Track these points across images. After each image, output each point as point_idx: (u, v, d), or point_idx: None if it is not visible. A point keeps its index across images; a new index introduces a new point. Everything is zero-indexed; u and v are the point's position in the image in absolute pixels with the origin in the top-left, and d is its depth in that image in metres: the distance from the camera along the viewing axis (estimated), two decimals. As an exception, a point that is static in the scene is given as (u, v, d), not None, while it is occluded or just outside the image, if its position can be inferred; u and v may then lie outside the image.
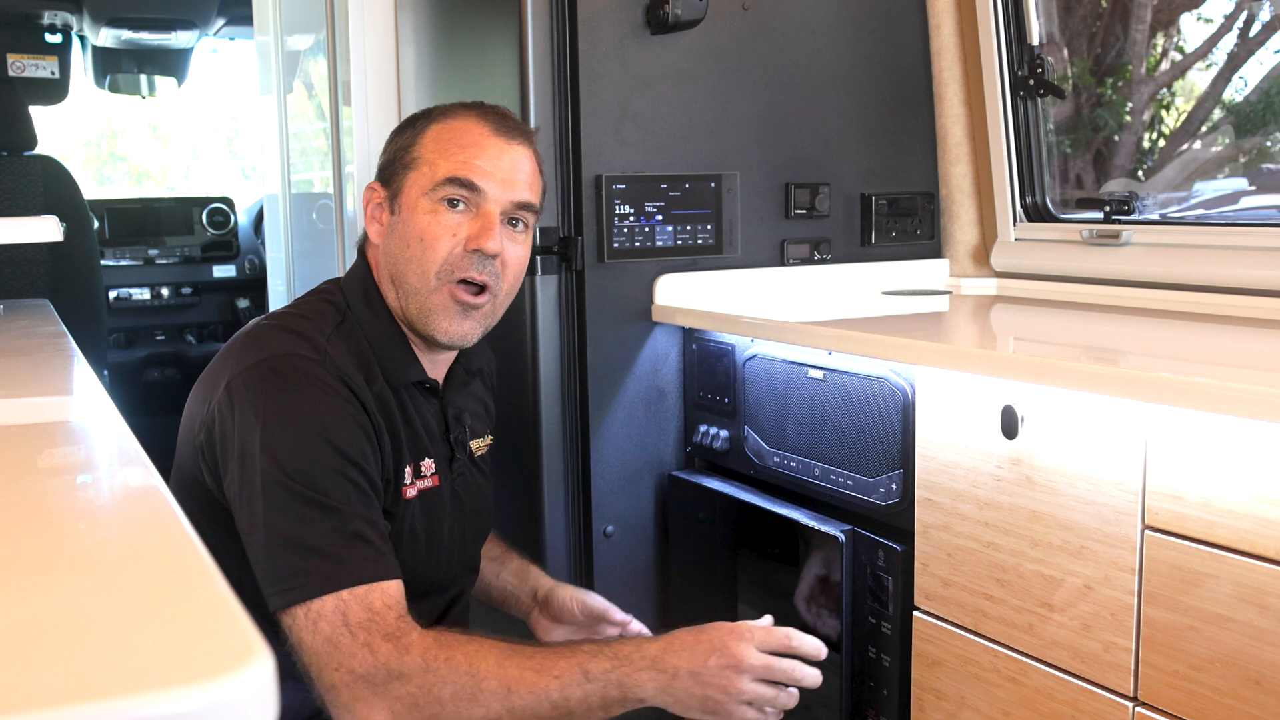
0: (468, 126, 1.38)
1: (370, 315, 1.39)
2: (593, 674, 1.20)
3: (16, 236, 1.75)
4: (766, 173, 2.04)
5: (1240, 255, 1.78)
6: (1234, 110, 2.08)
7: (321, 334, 1.32)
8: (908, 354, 1.49)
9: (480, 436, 1.54)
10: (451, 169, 1.35)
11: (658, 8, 1.85)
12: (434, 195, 1.35)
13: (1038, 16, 2.11)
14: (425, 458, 1.40)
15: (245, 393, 1.25)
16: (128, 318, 4.36)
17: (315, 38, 2.56)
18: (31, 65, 3.96)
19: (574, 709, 1.19)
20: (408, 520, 1.36)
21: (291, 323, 1.34)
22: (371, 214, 1.42)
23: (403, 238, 1.37)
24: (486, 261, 1.35)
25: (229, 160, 8.62)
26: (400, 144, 1.41)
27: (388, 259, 1.39)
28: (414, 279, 1.36)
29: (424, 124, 1.41)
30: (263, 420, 1.22)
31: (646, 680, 1.22)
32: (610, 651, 1.23)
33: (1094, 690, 1.30)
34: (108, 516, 0.75)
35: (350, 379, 1.29)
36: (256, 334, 1.33)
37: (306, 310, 1.38)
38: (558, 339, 1.90)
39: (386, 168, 1.42)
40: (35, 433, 0.99)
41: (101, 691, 0.42)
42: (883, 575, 1.57)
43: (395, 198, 1.39)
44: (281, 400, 1.24)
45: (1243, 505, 1.13)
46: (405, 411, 1.39)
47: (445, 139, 1.37)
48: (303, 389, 1.25)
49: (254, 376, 1.26)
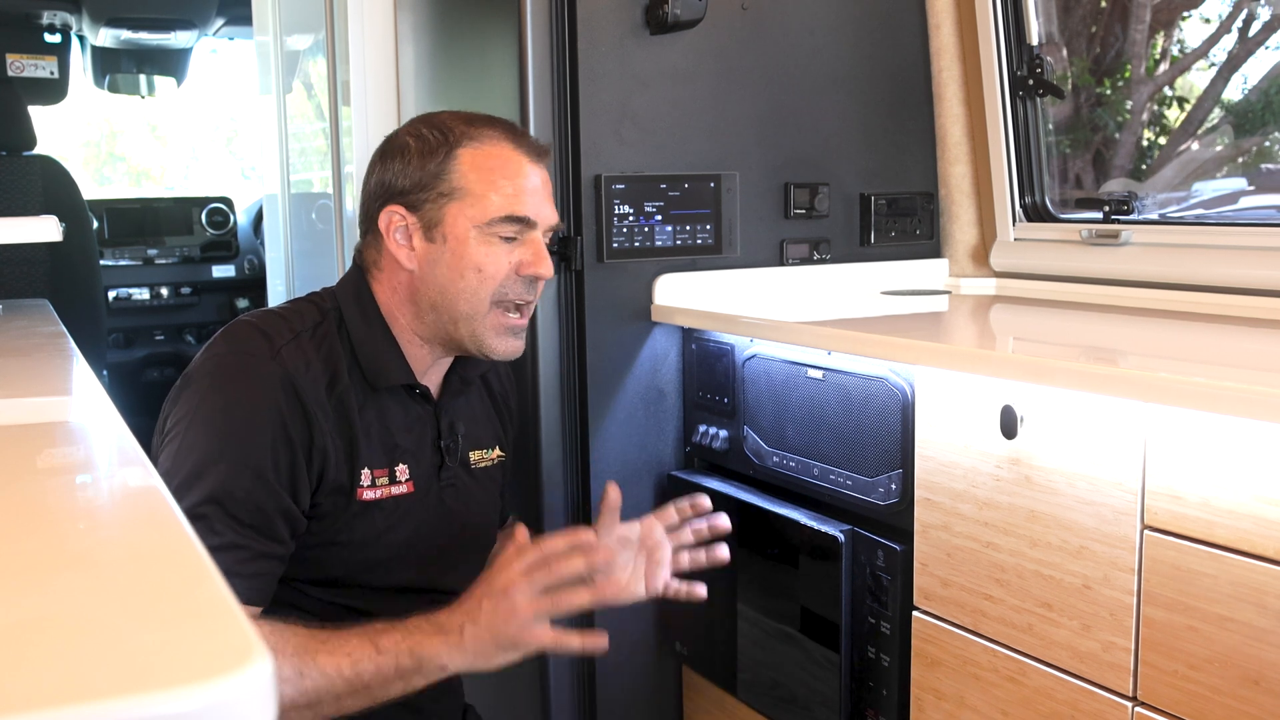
0: (503, 153, 1.38)
1: (362, 322, 1.41)
2: (383, 647, 1.24)
3: (16, 236, 1.75)
4: (766, 173, 2.04)
5: (1239, 255, 1.78)
6: (1233, 110, 2.08)
7: (291, 332, 1.35)
8: (907, 354, 1.49)
9: (481, 448, 1.54)
10: (507, 206, 1.36)
11: (657, 8, 1.85)
12: (489, 230, 1.37)
13: (1037, 16, 2.12)
14: (400, 464, 1.41)
15: (190, 379, 1.33)
16: (127, 318, 4.36)
17: (314, 38, 2.56)
18: (31, 65, 3.96)
19: (370, 683, 1.23)
20: (361, 521, 1.38)
21: (264, 320, 1.38)
22: (396, 239, 1.39)
23: (454, 269, 1.38)
24: (535, 285, 1.41)
25: (228, 160, 8.62)
26: (432, 171, 1.38)
27: (428, 286, 1.40)
28: (466, 307, 1.38)
29: (452, 147, 1.38)
30: (191, 405, 1.30)
31: (437, 644, 1.26)
32: (401, 625, 1.27)
33: (1093, 690, 1.30)
34: (107, 516, 0.75)
35: (299, 381, 1.31)
36: (229, 328, 1.38)
37: (288, 310, 1.41)
38: (557, 339, 1.90)
39: (414, 192, 1.38)
40: (34, 433, 0.99)
41: (100, 691, 0.42)
42: (882, 575, 1.57)
43: (434, 227, 1.38)
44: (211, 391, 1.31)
45: (1242, 505, 1.14)
46: (381, 415, 1.40)
47: (486, 167, 1.37)
48: (235, 386, 1.31)
49: (202, 362, 1.34)
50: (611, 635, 1.97)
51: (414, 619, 1.28)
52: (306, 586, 1.38)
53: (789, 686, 1.73)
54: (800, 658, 1.70)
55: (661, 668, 2.03)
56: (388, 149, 1.42)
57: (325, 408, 1.33)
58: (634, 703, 2.01)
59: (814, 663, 1.67)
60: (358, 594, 1.41)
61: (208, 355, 1.34)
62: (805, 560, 1.68)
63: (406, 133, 1.42)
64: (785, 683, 1.74)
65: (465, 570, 1.47)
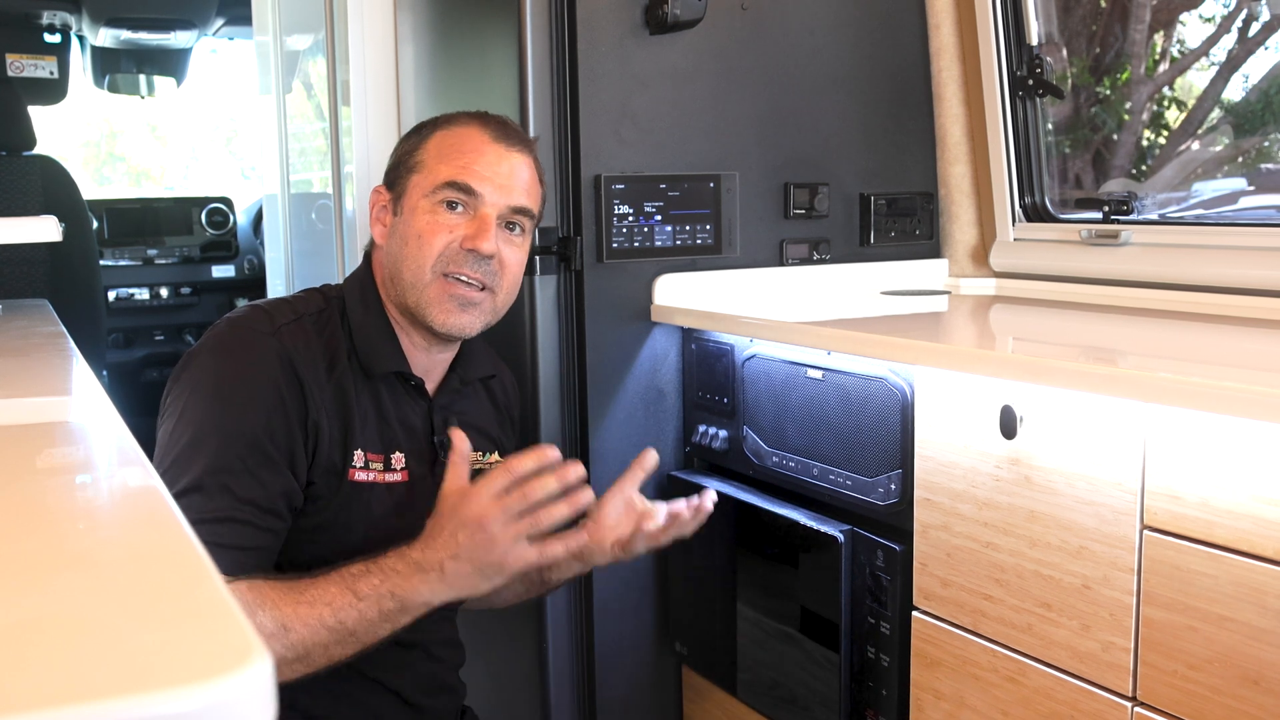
0: (469, 133, 1.45)
1: (361, 308, 1.46)
2: (362, 592, 1.25)
3: (15, 236, 1.75)
4: (765, 173, 2.04)
5: (1239, 255, 1.78)
6: (1233, 110, 2.08)
7: (294, 314, 1.40)
8: (907, 354, 1.49)
9: (476, 450, 1.53)
10: (451, 173, 1.42)
11: (657, 8, 1.85)
12: (434, 197, 1.42)
13: (1037, 16, 2.12)
14: (396, 451, 1.43)
15: (191, 356, 1.36)
16: (127, 318, 4.36)
17: (314, 37, 2.56)
18: (30, 65, 3.96)
19: (354, 629, 1.24)
20: (354, 503, 1.39)
21: (269, 303, 1.44)
22: (376, 216, 1.49)
23: (403, 236, 1.44)
24: (482, 262, 1.42)
25: (228, 160, 8.62)
26: (405, 149, 1.48)
27: (389, 258, 1.46)
28: (409, 274, 1.42)
29: (429, 131, 1.47)
30: (190, 380, 1.33)
31: (418, 584, 1.26)
32: (376, 567, 1.27)
33: (1093, 690, 1.30)
34: (107, 516, 0.75)
35: (297, 358, 1.35)
36: (234, 311, 1.43)
37: (295, 298, 1.47)
38: (557, 339, 1.90)
39: (391, 172, 1.49)
40: (34, 433, 0.99)
41: (100, 692, 0.42)
42: (882, 575, 1.57)
43: (399, 200, 1.46)
44: (208, 359, 1.34)
45: (1241, 505, 1.14)
46: (378, 403, 1.43)
47: (448, 145, 1.44)
48: (233, 357, 1.34)
49: (206, 335, 1.38)
50: (612, 635, 1.98)
51: (389, 558, 1.28)
52: (295, 571, 1.38)
53: (789, 686, 1.73)
54: (800, 658, 1.70)
55: (661, 668, 2.03)
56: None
57: (324, 386, 1.37)
58: (634, 703, 2.01)
59: (814, 663, 1.67)
60: None
61: (210, 334, 1.39)
62: (805, 560, 1.68)
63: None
64: (785, 683, 1.74)
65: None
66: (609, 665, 1.97)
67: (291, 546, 1.36)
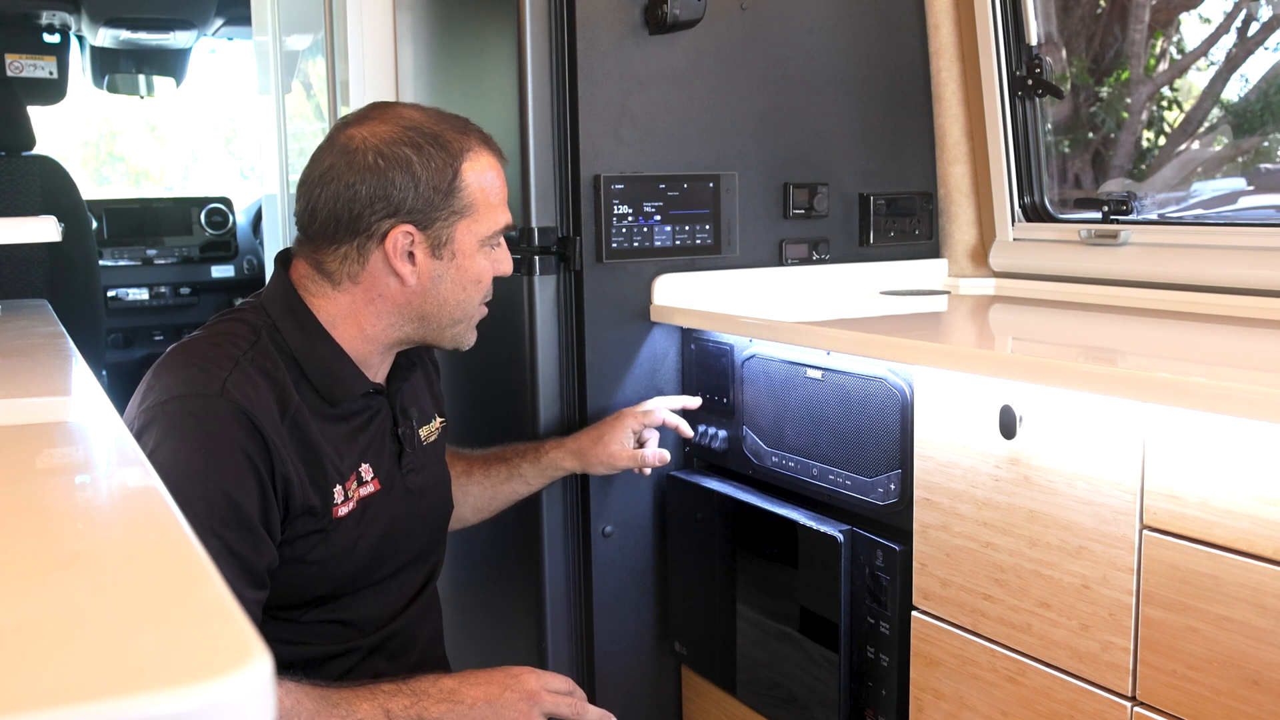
0: (493, 165, 1.43)
1: (301, 335, 1.36)
2: (393, 713, 1.31)
3: (15, 237, 1.75)
4: (765, 173, 2.04)
5: (1238, 255, 1.78)
6: (1232, 110, 2.08)
7: (230, 360, 1.29)
8: (906, 354, 1.49)
9: (427, 422, 1.56)
10: (505, 218, 1.44)
11: (656, 8, 1.85)
12: (490, 242, 1.44)
13: (1036, 16, 2.12)
14: (363, 464, 1.41)
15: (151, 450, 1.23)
16: (126, 318, 4.36)
17: (313, 37, 2.56)
18: (30, 65, 3.96)
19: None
20: (345, 534, 1.38)
21: (200, 352, 1.31)
22: (401, 256, 1.37)
23: (458, 283, 1.42)
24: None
25: (227, 160, 8.62)
26: (444, 189, 1.36)
27: (427, 301, 1.40)
28: (457, 313, 1.44)
29: (457, 162, 1.37)
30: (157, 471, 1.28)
31: (445, 712, 1.34)
32: (409, 689, 1.35)
33: (1092, 690, 1.30)
34: (106, 517, 0.75)
35: (251, 411, 1.25)
36: (161, 369, 1.32)
37: (219, 334, 1.34)
38: (556, 339, 1.90)
39: (426, 211, 1.36)
40: (33, 433, 0.99)
41: (99, 692, 0.42)
42: (881, 575, 1.57)
43: (444, 245, 1.38)
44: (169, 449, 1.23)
45: (1241, 505, 1.14)
46: (341, 422, 1.39)
47: (488, 185, 1.41)
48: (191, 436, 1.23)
49: (148, 418, 1.25)
50: (611, 635, 1.98)
51: (422, 682, 1.36)
52: (294, 613, 1.38)
53: (788, 686, 1.73)
54: (799, 658, 1.70)
55: (661, 668, 2.03)
56: (384, 158, 1.34)
57: (282, 433, 1.29)
58: (633, 703, 2.01)
59: (813, 663, 1.67)
60: (346, 604, 1.42)
61: (152, 406, 1.26)
62: (804, 560, 1.68)
63: (398, 141, 1.34)
64: (784, 683, 1.74)
65: (428, 534, 1.54)
66: (608, 665, 1.97)
67: (288, 590, 1.34)
